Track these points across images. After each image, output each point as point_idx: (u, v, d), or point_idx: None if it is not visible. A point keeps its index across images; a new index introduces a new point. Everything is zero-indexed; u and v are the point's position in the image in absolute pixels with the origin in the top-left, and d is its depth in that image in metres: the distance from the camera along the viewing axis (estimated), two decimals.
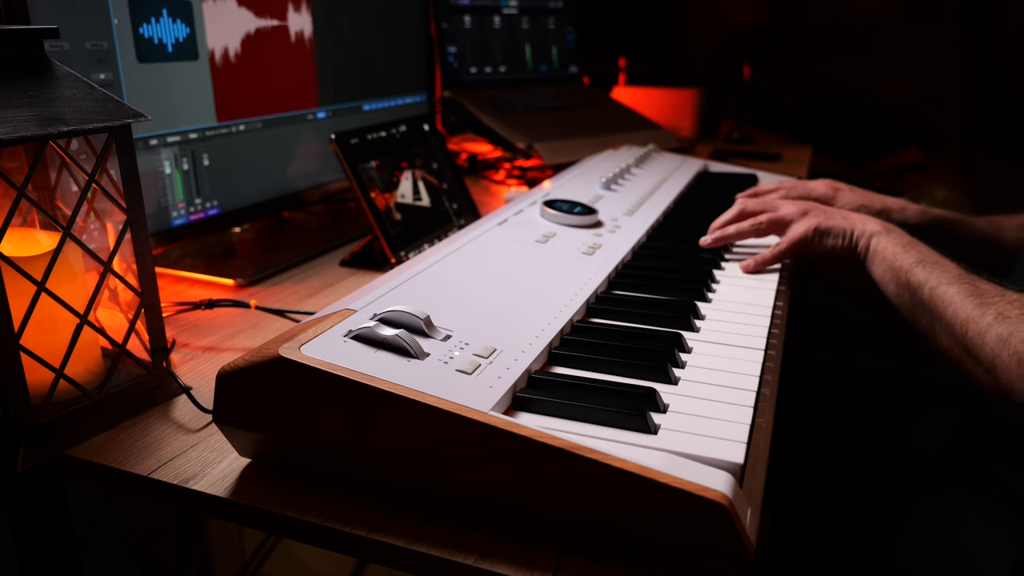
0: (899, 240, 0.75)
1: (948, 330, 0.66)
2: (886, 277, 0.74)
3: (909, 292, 0.71)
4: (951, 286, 0.67)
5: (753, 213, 0.84)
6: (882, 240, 0.76)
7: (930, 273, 0.70)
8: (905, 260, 0.72)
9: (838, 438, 0.97)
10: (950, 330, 0.66)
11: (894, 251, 0.74)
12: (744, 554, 0.40)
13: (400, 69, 1.31)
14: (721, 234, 0.84)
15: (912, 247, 0.74)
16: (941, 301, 0.67)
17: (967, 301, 0.65)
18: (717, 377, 0.54)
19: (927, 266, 0.70)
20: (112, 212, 0.60)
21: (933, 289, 0.68)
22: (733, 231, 0.83)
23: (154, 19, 0.84)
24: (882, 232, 0.77)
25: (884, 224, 0.78)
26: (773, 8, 2.13)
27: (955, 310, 0.65)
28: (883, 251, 0.75)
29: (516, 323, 0.57)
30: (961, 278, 0.68)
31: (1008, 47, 1.94)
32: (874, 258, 0.76)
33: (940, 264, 0.71)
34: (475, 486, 0.45)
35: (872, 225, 0.78)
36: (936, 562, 0.75)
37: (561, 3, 1.79)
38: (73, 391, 0.55)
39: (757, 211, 0.84)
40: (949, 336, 0.66)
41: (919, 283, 0.70)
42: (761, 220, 0.83)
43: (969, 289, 0.66)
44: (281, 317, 0.77)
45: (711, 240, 0.84)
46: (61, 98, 0.53)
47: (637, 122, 1.66)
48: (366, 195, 0.89)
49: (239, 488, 0.50)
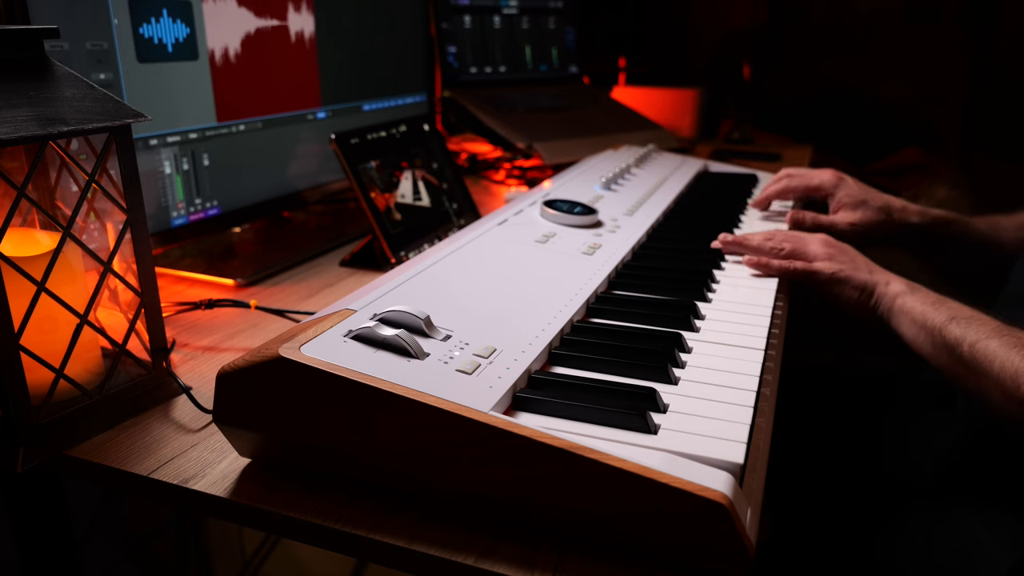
0: (926, 298, 0.73)
1: (999, 386, 0.64)
2: (919, 337, 0.72)
3: (947, 351, 0.69)
4: (991, 340, 0.65)
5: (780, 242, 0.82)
6: (908, 299, 0.74)
7: (966, 329, 0.67)
8: (937, 318, 0.70)
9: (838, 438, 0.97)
10: (1001, 386, 0.63)
11: (922, 310, 0.72)
12: (744, 554, 0.40)
13: (400, 69, 1.31)
14: (741, 241, 0.82)
15: (941, 304, 0.72)
16: (984, 357, 0.65)
17: (1012, 353, 0.63)
18: (717, 377, 0.54)
19: (961, 322, 0.68)
20: (112, 212, 0.60)
21: (973, 345, 0.66)
22: (754, 244, 0.81)
23: (154, 19, 0.84)
24: (907, 292, 0.74)
25: (909, 283, 0.76)
26: (773, 8, 2.13)
27: (1002, 363, 0.63)
28: (911, 311, 0.73)
29: (516, 323, 0.57)
30: (1000, 331, 0.66)
31: (1008, 47, 1.94)
32: (901, 319, 0.74)
33: (975, 319, 0.68)
34: (475, 486, 0.45)
35: (896, 285, 0.76)
36: (936, 562, 0.75)
37: (561, 3, 1.79)
38: (73, 391, 0.55)
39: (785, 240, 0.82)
40: (1001, 392, 0.64)
41: (956, 340, 0.67)
42: (784, 248, 0.80)
43: (1011, 341, 0.64)
44: (281, 317, 0.77)
45: (722, 244, 0.82)
46: (61, 98, 0.53)
47: (637, 122, 1.66)
48: (366, 195, 0.89)
49: (239, 488, 0.50)
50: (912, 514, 0.80)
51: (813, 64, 2.12)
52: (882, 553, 0.78)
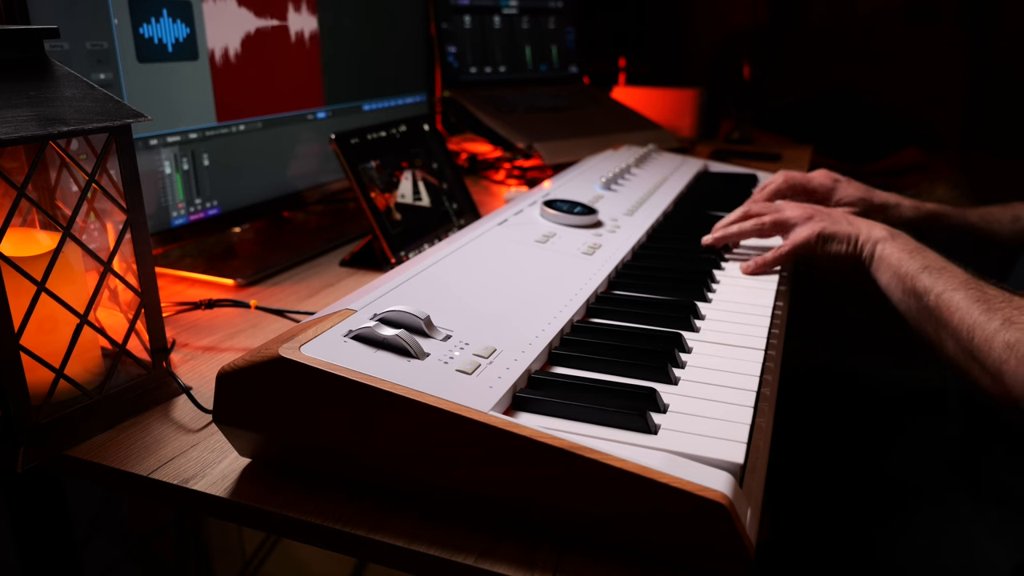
0: (905, 246, 0.74)
1: (954, 336, 0.65)
2: (892, 283, 0.73)
3: (915, 298, 0.70)
4: (957, 292, 0.66)
5: (758, 215, 0.84)
6: (887, 246, 0.75)
7: (936, 279, 0.68)
8: (911, 266, 0.71)
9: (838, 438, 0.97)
10: (956, 336, 0.65)
11: (899, 257, 0.73)
12: (744, 554, 0.40)
13: (400, 69, 1.31)
14: (723, 233, 0.83)
15: (918, 252, 0.73)
16: (947, 307, 0.66)
17: (973, 307, 0.64)
18: (717, 377, 0.54)
19: (933, 272, 0.69)
20: (112, 212, 0.60)
21: (939, 295, 0.67)
22: (735, 230, 0.83)
23: (154, 19, 0.84)
24: (888, 238, 0.75)
25: (890, 230, 0.77)
26: (773, 8, 2.13)
27: (961, 316, 0.64)
28: (888, 257, 0.74)
29: (516, 323, 0.57)
30: (968, 283, 0.67)
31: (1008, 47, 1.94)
32: (879, 264, 0.75)
33: (947, 270, 0.69)
34: (475, 486, 0.45)
35: (878, 231, 0.77)
36: (936, 562, 0.75)
37: (561, 3, 1.79)
38: (73, 391, 0.55)
39: (762, 213, 0.84)
40: (955, 342, 0.65)
41: (925, 289, 0.69)
42: (764, 220, 0.82)
43: (976, 295, 0.65)
44: (281, 317, 0.77)
45: (712, 239, 0.84)
46: (61, 98, 0.53)
47: (637, 122, 1.66)
48: (366, 195, 0.89)
49: (239, 488, 0.50)
50: (912, 514, 0.80)
51: (813, 64, 2.12)
52: (882, 553, 0.78)
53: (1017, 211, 0.99)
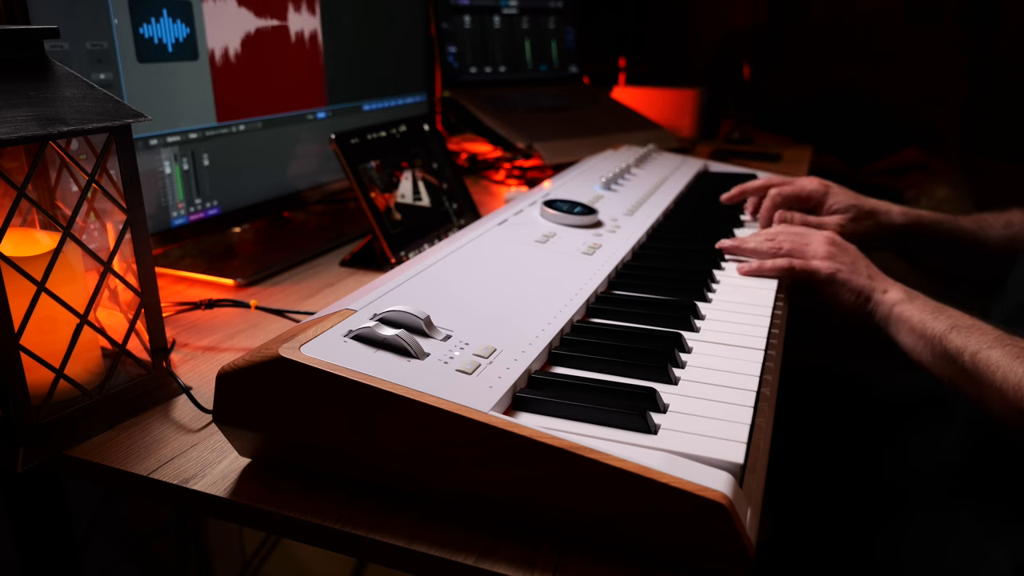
0: (925, 306, 0.72)
1: (1000, 396, 0.63)
2: (918, 346, 0.71)
3: (948, 361, 0.68)
4: (993, 350, 0.64)
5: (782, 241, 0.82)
6: (907, 308, 0.73)
7: (967, 338, 0.67)
8: (937, 327, 0.69)
9: (838, 438, 0.97)
10: (1003, 396, 0.63)
11: (922, 319, 0.71)
12: (744, 554, 0.40)
13: (400, 69, 1.31)
14: (739, 247, 0.82)
15: (941, 312, 0.71)
16: (986, 368, 0.64)
17: (1016, 364, 0.62)
18: (717, 377, 0.54)
19: (962, 331, 0.67)
20: (112, 212, 0.60)
21: (975, 355, 0.65)
22: (751, 246, 0.82)
23: (154, 19, 0.84)
24: (905, 300, 0.74)
25: (907, 290, 0.75)
26: (773, 8, 2.13)
27: (1004, 374, 0.63)
28: (910, 319, 0.72)
29: (516, 323, 0.57)
30: (1002, 340, 0.65)
31: (1008, 47, 1.94)
32: (899, 327, 0.73)
33: (976, 327, 0.68)
34: (475, 486, 0.45)
35: (895, 293, 0.75)
36: (936, 562, 0.75)
37: (561, 3, 1.79)
38: (73, 391, 0.55)
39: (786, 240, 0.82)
40: (1003, 402, 0.63)
41: (958, 350, 0.67)
42: (782, 247, 0.80)
43: (1014, 351, 0.64)
44: (281, 317, 0.77)
45: (728, 245, 0.83)
46: (61, 98, 0.53)
47: (637, 122, 1.66)
48: (366, 195, 0.89)
49: (239, 488, 0.50)
50: (913, 515, 0.80)
51: (813, 64, 2.12)
52: (882, 553, 0.78)
53: (1011, 217, 0.98)
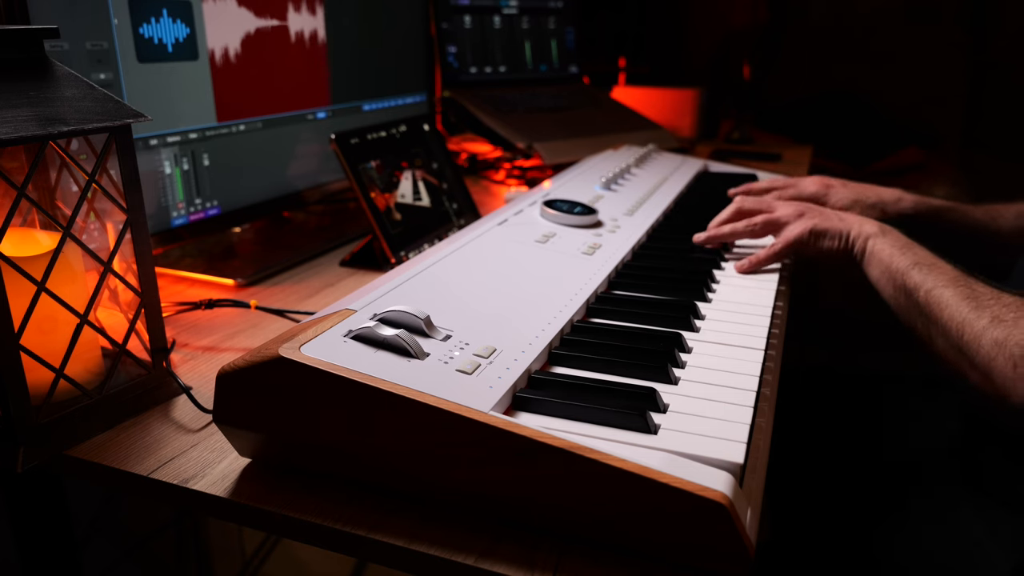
0: (896, 242, 0.74)
1: (944, 334, 0.65)
2: (882, 280, 0.73)
3: (905, 295, 0.70)
4: (947, 288, 0.66)
5: (749, 213, 0.84)
6: (878, 242, 0.75)
7: (926, 275, 0.69)
8: (901, 262, 0.71)
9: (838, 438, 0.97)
10: (946, 334, 0.65)
11: (890, 253, 0.73)
12: (744, 554, 0.40)
13: (400, 69, 1.31)
14: (716, 233, 0.83)
15: (909, 249, 0.73)
16: (937, 304, 0.66)
17: (963, 304, 0.64)
18: (717, 377, 0.54)
19: (923, 268, 0.69)
20: (112, 212, 0.60)
21: (929, 292, 0.67)
22: (727, 231, 0.83)
23: (154, 19, 0.84)
24: (878, 234, 0.76)
25: (881, 226, 0.77)
26: (773, 8, 2.13)
27: (951, 313, 0.64)
28: (879, 253, 0.74)
29: (516, 323, 0.57)
30: (957, 280, 0.67)
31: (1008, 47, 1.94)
32: (871, 260, 0.75)
33: (937, 266, 0.69)
34: (475, 486, 0.45)
35: (869, 227, 0.77)
36: (936, 562, 0.75)
37: (561, 3, 1.79)
38: (73, 391, 0.55)
39: (753, 211, 0.84)
40: (945, 340, 0.65)
41: (915, 285, 0.69)
42: (756, 221, 0.82)
43: (965, 292, 0.65)
44: (281, 317, 0.77)
45: (705, 237, 0.84)
46: (61, 98, 0.53)
47: (637, 122, 1.66)
48: (366, 195, 0.89)
49: (239, 488, 0.50)
50: (912, 514, 0.80)
51: (813, 64, 2.12)
52: (882, 553, 0.78)
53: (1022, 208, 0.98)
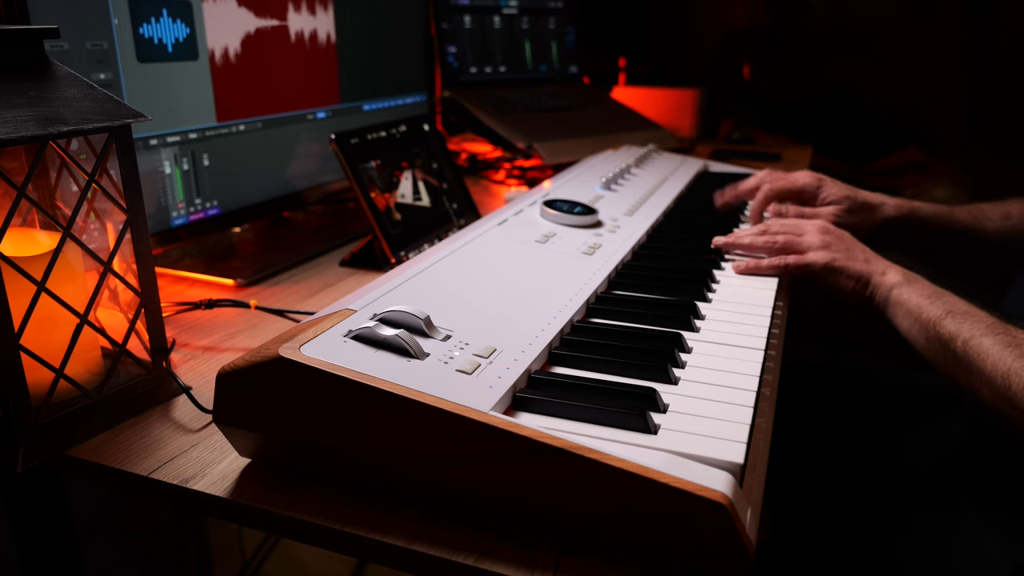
0: (923, 291, 0.72)
1: (988, 384, 0.63)
2: (913, 330, 0.71)
3: (940, 346, 0.68)
4: (986, 337, 0.64)
5: (775, 232, 0.82)
6: (904, 291, 0.73)
7: (961, 325, 0.66)
8: (932, 312, 0.69)
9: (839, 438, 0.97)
10: (991, 384, 0.63)
11: (919, 303, 0.71)
12: (744, 554, 0.40)
13: (400, 69, 1.31)
14: (734, 242, 0.83)
15: (938, 297, 0.71)
16: (977, 354, 0.64)
17: (1006, 353, 0.62)
18: (717, 377, 0.54)
19: (956, 317, 0.67)
20: (112, 212, 0.60)
21: (967, 342, 0.65)
22: (747, 242, 0.82)
23: (154, 19, 0.84)
24: (903, 283, 0.73)
25: (906, 273, 0.75)
26: (773, 8, 2.13)
27: (994, 362, 0.62)
28: (907, 302, 0.72)
29: (516, 323, 0.57)
30: (995, 328, 0.65)
31: (1008, 47, 1.94)
32: (897, 310, 0.73)
33: (971, 314, 0.67)
34: (475, 486, 0.45)
35: (893, 275, 0.75)
36: (937, 563, 0.75)
37: (561, 3, 1.79)
38: (73, 391, 0.55)
39: (779, 232, 0.82)
40: (990, 390, 0.63)
41: (950, 336, 0.67)
42: (777, 240, 0.80)
43: (1006, 340, 0.63)
44: (281, 317, 0.77)
45: (723, 243, 0.83)
46: (61, 98, 0.53)
47: (637, 122, 1.66)
48: (366, 195, 0.89)
49: (239, 488, 0.50)
50: (914, 515, 0.80)
51: (813, 64, 2.12)
52: (883, 554, 0.78)
53: (1008, 209, 0.98)
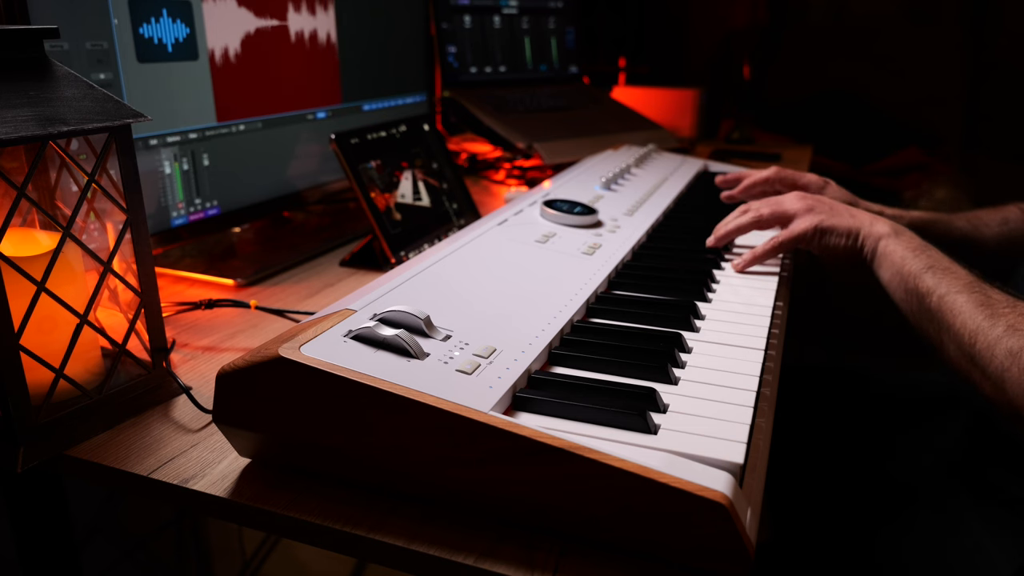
0: (909, 243, 0.72)
1: (956, 341, 0.63)
2: (894, 281, 0.71)
3: (917, 298, 0.68)
4: (960, 295, 0.64)
5: (757, 208, 0.82)
6: (891, 243, 0.73)
7: (940, 280, 0.67)
8: (914, 265, 0.69)
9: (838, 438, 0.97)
10: (958, 341, 0.63)
11: (903, 255, 0.71)
12: (744, 554, 0.40)
13: (400, 69, 1.31)
14: (724, 231, 0.83)
15: (922, 251, 0.71)
16: (950, 310, 0.64)
17: (977, 311, 0.62)
18: (717, 377, 0.54)
19: (937, 272, 0.68)
20: (112, 212, 0.60)
21: (942, 297, 0.65)
22: (734, 226, 0.82)
23: (154, 19, 0.84)
24: (891, 234, 0.74)
25: (893, 225, 0.75)
26: (773, 8, 2.13)
27: (964, 320, 0.63)
28: (892, 254, 0.72)
29: (516, 323, 0.57)
30: (972, 286, 0.65)
31: (1008, 47, 1.94)
32: (882, 261, 0.73)
33: (951, 271, 0.68)
34: (475, 486, 0.45)
35: (880, 227, 0.75)
36: (938, 564, 0.75)
37: (561, 3, 1.79)
38: (73, 391, 0.55)
39: (761, 206, 0.82)
40: (957, 347, 0.63)
41: (928, 290, 0.67)
42: (763, 212, 0.81)
43: (979, 299, 0.63)
44: (281, 317, 0.77)
45: (715, 239, 0.83)
46: (61, 98, 0.53)
47: (637, 122, 1.66)
48: (366, 195, 0.89)
49: (239, 488, 0.50)
50: (914, 515, 0.80)
51: (813, 64, 2.12)
52: (883, 554, 0.78)
53: (1007, 214, 0.98)
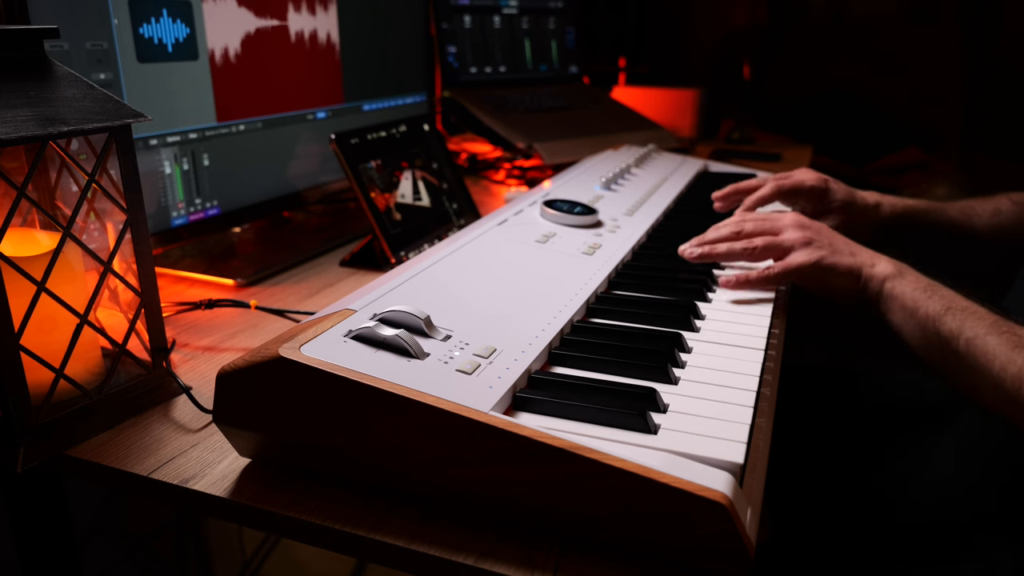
0: (917, 283, 0.68)
1: (996, 385, 0.60)
2: (907, 325, 0.68)
3: (939, 343, 0.65)
4: (990, 336, 0.61)
5: (750, 235, 0.77)
6: (898, 284, 0.69)
7: (962, 322, 0.63)
8: (930, 307, 0.66)
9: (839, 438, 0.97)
10: (998, 386, 0.60)
11: (914, 297, 0.67)
12: (744, 554, 0.40)
13: (400, 69, 1.31)
14: (709, 251, 0.77)
15: (933, 291, 0.67)
16: (983, 354, 0.61)
17: (1014, 354, 0.59)
18: (717, 377, 0.54)
19: (956, 314, 0.64)
20: (112, 212, 0.60)
21: (970, 341, 0.62)
22: (723, 250, 0.76)
23: (154, 19, 0.84)
24: (896, 275, 0.70)
25: (897, 264, 0.71)
26: (773, 8, 2.13)
27: (1002, 364, 0.60)
28: (901, 296, 0.68)
29: (516, 323, 0.57)
30: (999, 326, 0.62)
31: (1008, 47, 1.94)
32: (891, 304, 0.69)
33: (970, 310, 0.64)
34: (475, 486, 0.45)
35: (883, 266, 0.71)
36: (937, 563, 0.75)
37: (561, 3, 1.79)
38: (73, 391, 0.55)
39: (754, 233, 0.77)
40: (997, 392, 0.60)
41: (951, 334, 0.63)
42: (756, 244, 0.75)
43: (1012, 340, 0.61)
44: (281, 317, 0.77)
45: (697, 254, 0.77)
46: (61, 98, 0.53)
47: (637, 122, 1.66)
48: (366, 195, 0.89)
49: (239, 488, 0.50)
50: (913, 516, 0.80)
51: (813, 64, 2.12)
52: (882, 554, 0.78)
53: (999, 204, 0.97)
